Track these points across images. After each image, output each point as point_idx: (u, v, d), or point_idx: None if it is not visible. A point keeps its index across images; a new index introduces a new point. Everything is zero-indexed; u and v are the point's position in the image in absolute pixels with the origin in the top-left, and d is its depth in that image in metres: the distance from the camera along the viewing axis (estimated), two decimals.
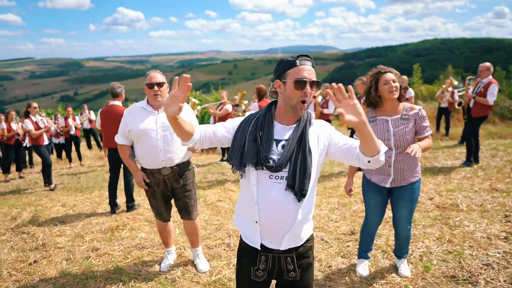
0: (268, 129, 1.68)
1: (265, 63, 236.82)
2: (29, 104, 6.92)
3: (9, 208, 5.77)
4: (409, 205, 2.87)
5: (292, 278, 1.76)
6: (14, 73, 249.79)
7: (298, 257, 1.75)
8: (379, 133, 2.75)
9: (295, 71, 1.65)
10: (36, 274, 3.47)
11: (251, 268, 1.76)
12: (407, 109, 2.77)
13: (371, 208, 2.97)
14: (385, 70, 2.75)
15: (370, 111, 2.82)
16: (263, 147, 1.64)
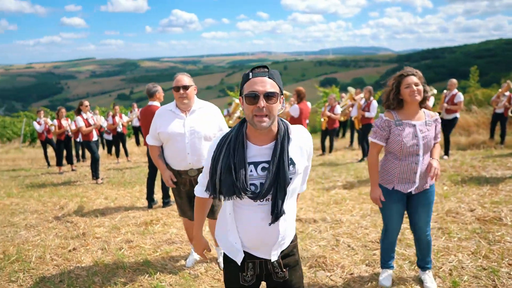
0: (241, 154, 1.56)
1: (315, 64, 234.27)
2: (81, 103, 7.40)
3: (58, 198, 6.23)
4: (428, 209, 2.81)
5: (282, 278, 1.76)
6: (77, 72, 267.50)
7: (284, 257, 1.74)
8: (408, 137, 2.65)
9: (248, 85, 1.56)
10: (74, 261, 3.73)
11: (239, 274, 1.75)
12: (428, 115, 2.74)
13: (392, 217, 2.87)
14: (407, 73, 2.67)
15: (395, 114, 2.73)
16: (238, 178, 1.53)
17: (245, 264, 1.73)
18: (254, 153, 1.61)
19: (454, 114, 7.95)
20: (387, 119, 2.73)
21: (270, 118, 1.55)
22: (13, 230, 4.72)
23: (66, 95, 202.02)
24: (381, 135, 2.75)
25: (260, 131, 1.58)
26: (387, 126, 2.72)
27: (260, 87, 1.53)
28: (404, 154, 2.68)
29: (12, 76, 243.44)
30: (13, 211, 5.57)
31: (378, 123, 2.78)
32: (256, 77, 1.55)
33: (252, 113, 1.54)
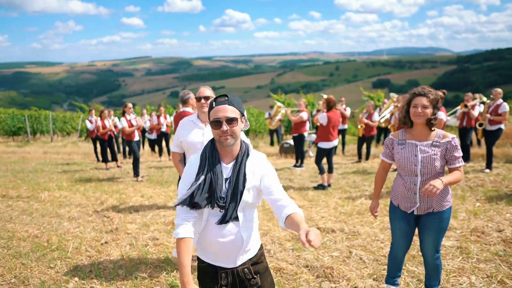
0: (217, 169, 1.83)
1: (368, 65, 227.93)
2: (125, 105, 7.96)
3: (100, 193, 6.78)
4: (435, 235, 2.75)
5: (254, 285, 1.92)
6: (134, 70, 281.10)
7: (253, 265, 1.92)
8: (407, 157, 2.69)
9: (212, 113, 1.82)
10: (104, 253, 4.11)
11: (215, 287, 1.93)
12: (440, 136, 2.67)
13: (396, 234, 2.91)
14: (419, 93, 2.66)
15: (401, 134, 2.78)
16: (217, 188, 1.80)
17: (219, 275, 1.91)
18: (225, 170, 1.87)
19: (498, 125, 7.56)
20: (392, 138, 2.82)
21: (234, 137, 1.82)
22: (58, 221, 5.24)
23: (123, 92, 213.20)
24: (386, 153, 2.86)
25: (226, 150, 1.85)
26: (391, 145, 2.82)
27: (221, 114, 1.79)
28: (404, 173, 2.73)
29: (76, 74, 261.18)
30: (60, 203, 6.16)
31: (386, 141, 2.88)
32: (218, 105, 1.82)
33: (219, 136, 1.82)
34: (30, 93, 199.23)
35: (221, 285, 1.92)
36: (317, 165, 6.66)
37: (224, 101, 1.83)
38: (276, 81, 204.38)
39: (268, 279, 1.99)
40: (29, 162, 11.43)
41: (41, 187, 7.41)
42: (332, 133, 6.50)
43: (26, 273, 3.67)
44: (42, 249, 4.23)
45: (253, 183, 1.85)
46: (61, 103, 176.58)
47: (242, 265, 1.91)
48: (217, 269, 1.91)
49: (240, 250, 1.87)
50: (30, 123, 20.20)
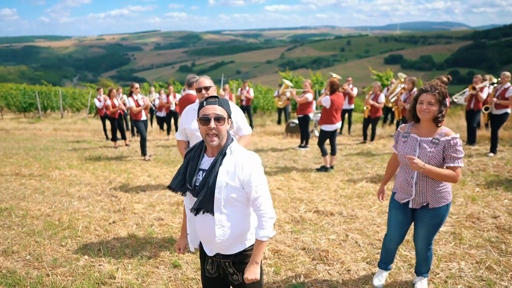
0: (196, 161, 2.01)
1: (380, 40, 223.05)
2: (132, 85, 8.07)
3: (109, 172, 7.00)
4: (428, 229, 2.85)
5: (236, 281, 2.05)
6: (142, 44, 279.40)
7: (236, 263, 2.03)
8: (406, 150, 2.76)
9: (202, 111, 1.96)
10: (112, 232, 4.33)
11: (204, 266, 2.13)
12: (442, 134, 2.70)
13: (391, 223, 3.02)
14: (426, 89, 2.69)
15: (408, 127, 2.86)
16: (189, 177, 1.98)
17: (206, 259, 2.10)
18: (204, 162, 2.02)
19: (505, 110, 7.52)
20: (399, 130, 2.93)
21: (219, 137, 1.95)
22: (68, 200, 5.47)
23: (132, 66, 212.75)
24: (394, 145, 2.97)
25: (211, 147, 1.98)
26: (397, 136, 2.93)
27: (210, 111, 1.93)
28: (403, 165, 2.82)
29: (84, 48, 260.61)
30: (71, 182, 6.39)
31: (395, 133, 3.00)
32: (208, 105, 1.96)
33: (205, 133, 1.94)
34: (40, 67, 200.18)
35: (206, 268, 2.10)
36: (320, 147, 6.75)
37: (214, 101, 1.96)
38: (286, 56, 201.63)
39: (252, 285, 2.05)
40: (40, 140, 11.71)
41: (52, 165, 7.66)
42: (335, 116, 6.55)
43: (40, 250, 3.91)
44: (54, 228, 4.46)
45: (227, 181, 1.91)
46: (71, 77, 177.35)
47: (222, 257, 2.03)
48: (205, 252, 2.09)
49: (212, 243, 1.99)
50: (41, 100, 20.47)
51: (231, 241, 2.00)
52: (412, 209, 2.90)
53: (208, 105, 1.95)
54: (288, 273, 3.40)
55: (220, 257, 2.04)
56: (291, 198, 5.34)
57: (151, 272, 3.48)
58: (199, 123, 1.96)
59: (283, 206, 5.05)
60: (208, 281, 2.15)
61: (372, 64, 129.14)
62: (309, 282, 3.25)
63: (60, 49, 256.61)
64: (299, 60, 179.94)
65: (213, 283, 2.15)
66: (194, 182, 1.97)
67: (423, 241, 2.93)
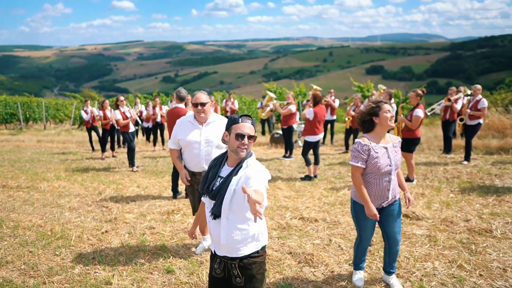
0: (217, 168, 2.28)
1: (362, 51, 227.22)
2: (118, 98, 8.23)
3: (98, 183, 7.10)
4: (397, 219, 3.19)
5: (238, 284, 2.23)
6: (125, 54, 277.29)
7: (241, 267, 2.22)
8: (384, 159, 3.01)
9: (238, 126, 2.20)
10: (105, 241, 4.47)
11: (213, 266, 2.33)
12: (393, 138, 3.10)
13: (367, 230, 3.27)
14: (386, 101, 3.05)
15: (369, 138, 3.07)
16: (208, 181, 2.24)
17: (215, 258, 2.31)
18: (224, 171, 2.26)
19: (478, 120, 7.97)
20: (366, 144, 3.03)
21: (247, 151, 2.21)
22: (59, 211, 5.57)
23: (114, 76, 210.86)
24: (362, 159, 3.03)
25: (233, 155, 2.23)
26: (367, 150, 3.01)
27: (247, 130, 2.20)
28: (380, 175, 3.04)
29: (66, 57, 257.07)
30: (60, 193, 6.47)
31: (358, 148, 3.05)
32: (244, 122, 2.22)
33: (237, 146, 2.19)
34: (20, 77, 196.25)
35: (214, 267, 2.30)
36: (304, 157, 7.03)
37: (250, 121, 2.24)
38: (270, 67, 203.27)
39: (252, 286, 2.23)
40: (25, 151, 11.66)
41: (40, 177, 7.71)
42: (318, 127, 6.85)
43: (34, 260, 4.02)
44: (46, 238, 4.57)
45: (235, 189, 2.13)
46: (51, 88, 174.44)
47: (228, 259, 2.23)
48: (215, 251, 2.29)
49: (219, 244, 2.22)
50: (23, 111, 20.26)
51: (235, 245, 2.19)
52: (379, 210, 3.18)
53: (245, 123, 2.21)
54: (276, 276, 3.61)
55: (227, 259, 2.24)
56: (277, 206, 5.58)
57: (146, 277, 3.65)
58: (235, 137, 2.18)
59: (270, 213, 5.27)
60: (214, 281, 2.34)
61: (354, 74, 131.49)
62: (296, 283, 3.48)
63: (41, 59, 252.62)
64: (282, 71, 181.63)
65: (218, 283, 2.33)
66: (212, 186, 2.22)
67: (397, 234, 3.22)
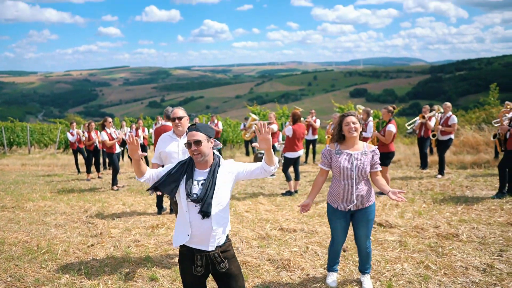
0: (190, 174, 2.50)
1: (345, 75, 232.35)
2: (105, 119, 8.45)
3: (84, 202, 7.22)
4: (366, 225, 3.44)
5: (223, 268, 2.49)
6: (111, 79, 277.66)
7: (222, 252, 2.49)
8: (344, 163, 3.33)
9: (186, 137, 2.49)
10: (91, 254, 4.60)
11: (192, 267, 2.51)
12: (367, 146, 3.38)
13: (337, 231, 3.54)
14: (348, 114, 3.39)
15: (337, 145, 3.43)
16: (188, 186, 2.45)
17: (195, 257, 2.49)
18: (199, 175, 2.50)
19: (449, 136, 8.42)
20: (329, 149, 3.45)
21: (202, 155, 2.45)
22: (45, 228, 5.68)
23: (100, 102, 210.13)
24: (325, 162, 3.45)
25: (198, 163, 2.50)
26: (329, 155, 3.43)
27: (191, 138, 2.45)
28: (342, 178, 3.36)
29: (51, 83, 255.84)
30: (46, 212, 6.57)
31: (323, 152, 3.49)
32: (189, 131, 2.47)
33: (191, 154, 2.47)
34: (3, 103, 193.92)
35: (197, 265, 2.49)
36: (284, 173, 7.32)
37: (194, 128, 2.48)
38: (255, 91, 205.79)
39: (235, 264, 2.57)
40: (9, 174, 11.65)
41: (25, 197, 7.77)
42: (297, 144, 7.17)
43: (21, 272, 4.13)
44: (33, 253, 4.68)
45: (225, 183, 2.47)
46: (35, 113, 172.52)
47: (213, 250, 2.46)
48: (194, 252, 2.49)
49: (210, 237, 2.45)
50: (7, 135, 20.17)
51: (221, 233, 2.50)
52: (350, 214, 3.46)
53: (190, 132, 2.46)
54: (255, 280, 3.82)
55: (211, 251, 2.46)
56: (258, 219, 5.80)
57: (131, 285, 3.80)
58: (186, 146, 2.46)
59: (251, 226, 5.49)
60: (194, 280, 2.54)
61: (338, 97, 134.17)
62: (273, 285, 3.69)
63: (25, 85, 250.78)
64: (267, 95, 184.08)
65: (198, 281, 2.54)
66: (192, 191, 2.44)
67: (365, 238, 3.48)
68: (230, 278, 2.53)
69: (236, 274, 2.56)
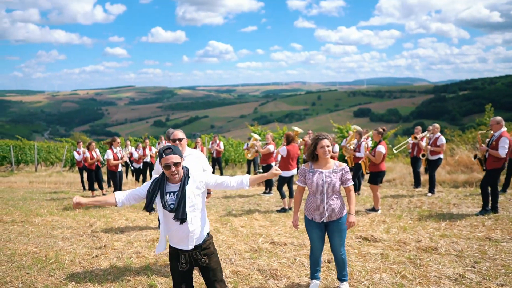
0: (163, 188, 2.94)
1: (349, 94, 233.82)
2: (114, 139, 8.95)
3: (89, 217, 7.62)
4: (339, 235, 3.83)
5: (204, 263, 2.93)
6: (117, 99, 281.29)
7: (203, 249, 2.94)
8: (316, 180, 3.76)
9: (164, 160, 2.88)
10: (95, 264, 4.98)
11: (178, 264, 2.97)
12: (337, 165, 3.80)
13: (314, 240, 3.93)
14: (323, 137, 3.80)
15: (310, 164, 3.87)
16: (163, 198, 2.89)
17: (180, 256, 2.93)
18: (170, 187, 2.94)
19: (438, 155, 8.81)
20: (304, 168, 3.90)
21: (179, 173, 2.90)
22: (53, 240, 6.07)
23: (106, 121, 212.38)
24: (301, 179, 3.90)
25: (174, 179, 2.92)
26: (304, 173, 3.88)
27: (170, 161, 2.87)
28: (315, 193, 3.79)
29: (57, 102, 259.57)
30: (53, 226, 6.98)
31: (299, 171, 3.95)
32: (167, 155, 2.87)
33: (169, 174, 2.88)
34: (10, 121, 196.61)
35: (181, 262, 2.93)
36: (279, 191, 7.70)
37: (170, 152, 2.89)
38: (260, 111, 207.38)
39: (214, 259, 3.01)
40: (17, 191, 12.10)
41: (33, 213, 8.19)
42: (291, 163, 7.58)
43: (31, 279, 4.52)
44: (42, 262, 5.07)
45: (195, 191, 2.90)
46: (41, 132, 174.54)
47: (193, 249, 2.91)
48: (179, 251, 2.92)
49: (189, 238, 2.88)
50: (15, 153, 20.74)
51: (198, 234, 2.92)
52: (325, 225, 3.84)
53: (167, 156, 2.86)
54: (244, 287, 4.17)
55: (193, 250, 2.91)
56: (252, 233, 6.17)
57: None
58: (164, 169, 2.87)
59: (245, 239, 5.85)
60: (180, 275, 2.98)
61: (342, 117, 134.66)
62: None
63: (32, 103, 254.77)
64: (271, 115, 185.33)
65: (183, 275, 2.99)
66: (168, 202, 2.87)
67: (339, 246, 3.86)
68: (209, 271, 2.98)
69: (214, 268, 3.01)
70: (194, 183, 2.95)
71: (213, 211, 7.96)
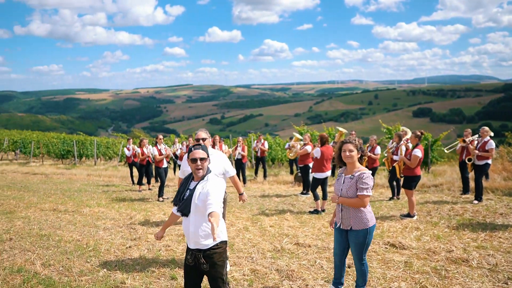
0: (186, 185, 3.09)
1: (408, 93, 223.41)
2: (157, 136, 9.48)
3: (131, 210, 8.15)
4: (354, 247, 3.73)
5: (204, 269, 3.00)
6: (175, 97, 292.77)
7: (206, 257, 2.98)
8: (336, 184, 3.77)
9: (191, 154, 3.03)
10: (127, 254, 5.36)
11: (186, 257, 3.10)
12: (357, 171, 3.70)
13: (335, 242, 3.91)
14: (346, 141, 3.75)
15: (343, 169, 3.85)
16: (181, 194, 3.04)
17: (188, 250, 3.09)
18: (192, 185, 3.08)
19: (485, 161, 8.25)
20: (339, 172, 3.89)
21: (203, 170, 2.99)
22: (95, 230, 6.60)
23: (164, 118, 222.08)
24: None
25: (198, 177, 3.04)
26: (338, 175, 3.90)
27: (197, 155, 2.99)
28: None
29: (120, 100, 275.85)
30: (98, 217, 7.56)
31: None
32: (196, 150, 3.01)
33: (194, 168, 3.01)
34: (79, 117, 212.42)
35: (187, 257, 3.08)
36: (312, 193, 7.67)
37: (199, 147, 3.05)
38: (314, 109, 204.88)
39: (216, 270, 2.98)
40: (75, 183, 13.18)
41: (84, 204, 8.91)
42: (325, 165, 7.53)
43: (70, 264, 4.98)
44: (82, 249, 5.55)
45: (198, 196, 2.97)
46: (106, 128, 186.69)
47: (196, 250, 3.00)
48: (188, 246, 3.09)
49: (189, 236, 3.01)
50: (78, 148, 22.50)
51: (199, 239, 2.97)
52: (346, 231, 3.80)
53: (195, 150, 3.03)
54: (258, 286, 4.28)
55: (196, 251, 3.01)
56: (279, 233, 6.24)
57: (154, 281, 4.45)
58: (189, 162, 3.03)
59: (270, 239, 5.95)
60: (188, 268, 3.12)
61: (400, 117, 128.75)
62: None
63: (98, 101, 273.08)
64: (326, 113, 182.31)
65: (190, 269, 3.10)
66: (183, 196, 3.06)
67: (356, 258, 3.79)
68: (209, 277, 3.06)
69: (215, 277, 3.02)
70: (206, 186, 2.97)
71: (247, 210, 8.12)
